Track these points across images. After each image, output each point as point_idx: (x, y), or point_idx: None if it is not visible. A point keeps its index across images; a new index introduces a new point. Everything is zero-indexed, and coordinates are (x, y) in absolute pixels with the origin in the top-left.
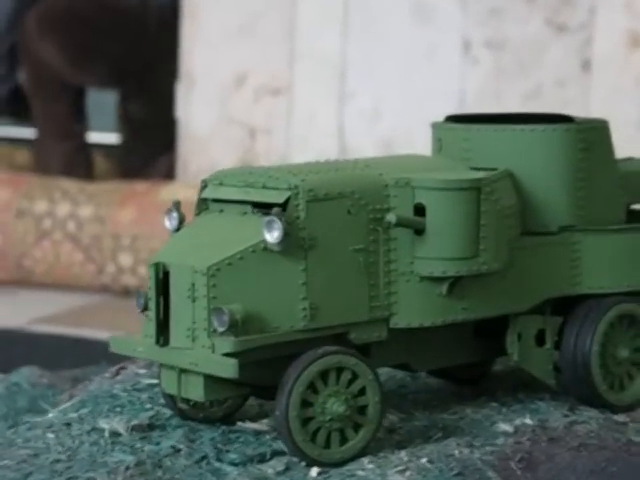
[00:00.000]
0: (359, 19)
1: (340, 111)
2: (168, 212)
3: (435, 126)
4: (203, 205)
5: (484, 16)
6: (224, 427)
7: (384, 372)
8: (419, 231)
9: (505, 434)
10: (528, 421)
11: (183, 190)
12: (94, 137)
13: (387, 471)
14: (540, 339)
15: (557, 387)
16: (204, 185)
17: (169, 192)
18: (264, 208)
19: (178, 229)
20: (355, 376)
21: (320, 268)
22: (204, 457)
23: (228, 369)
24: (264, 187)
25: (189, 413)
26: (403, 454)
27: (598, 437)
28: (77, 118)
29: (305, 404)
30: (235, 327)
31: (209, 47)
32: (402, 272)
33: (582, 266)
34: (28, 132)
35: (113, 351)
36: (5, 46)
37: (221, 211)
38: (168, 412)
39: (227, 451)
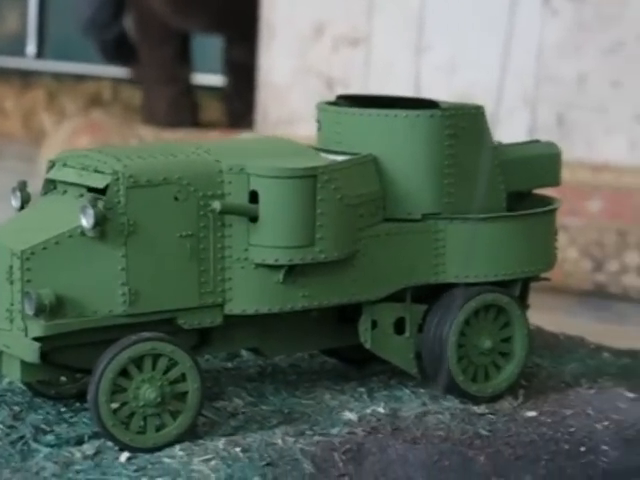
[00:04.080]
0: None
1: (417, 63)
2: (13, 191)
3: (317, 106)
4: (50, 185)
5: None
6: (66, 406)
7: None
8: (253, 218)
9: (346, 423)
10: (380, 409)
11: None
12: (201, 79)
13: (194, 459)
14: (400, 327)
15: (419, 376)
16: (51, 165)
17: None
18: (95, 192)
19: (22, 208)
20: (174, 363)
21: (142, 254)
22: (22, 437)
23: (30, 353)
24: (95, 171)
25: (40, 389)
26: (222, 442)
27: (445, 429)
28: (182, 63)
29: (118, 389)
30: (44, 311)
31: None
32: (237, 258)
33: (446, 255)
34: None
35: None
36: None
37: (64, 192)
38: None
39: (48, 432)
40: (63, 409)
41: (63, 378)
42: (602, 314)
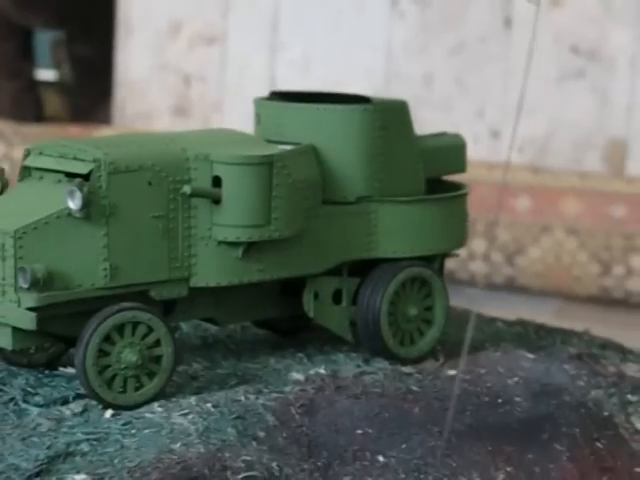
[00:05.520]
0: None
1: (272, 61)
2: None
3: (255, 102)
4: (26, 172)
5: None
6: (42, 372)
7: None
8: (217, 201)
9: (295, 382)
10: (322, 371)
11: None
12: (45, 75)
13: (172, 414)
14: (337, 297)
15: (353, 341)
16: (27, 153)
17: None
18: (74, 178)
19: (1, 194)
20: (150, 329)
21: (121, 233)
22: (12, 399)
23: (28, 321)
24: (74, 158)
25: (14, 359)
26: (193, 399)
27: (381, 386)
28: (25, 58)
29: (102, 354)
30: (37, 284)
31: None
32: (201, 237)
33: (377, 233)
34: None
35: None
36: None
37: (41, 178)
38: None
39: (35, 394)
40: (40, 375)
41: (32, 349)
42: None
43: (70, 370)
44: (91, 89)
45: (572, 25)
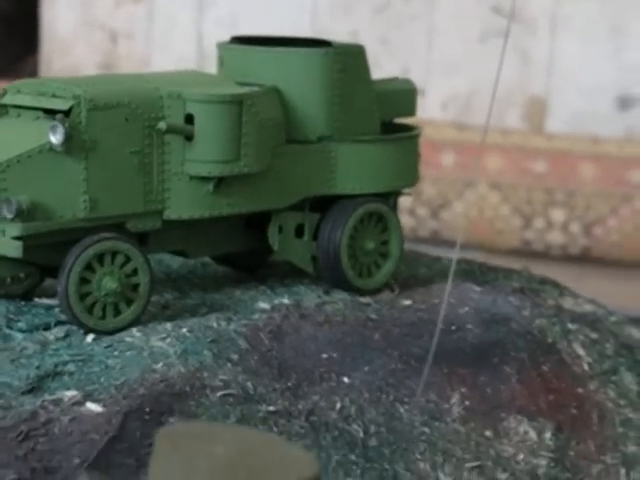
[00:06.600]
0: None
1: (199, 18)
2: None
3: (218, 46)
4: (2, 110)
5: None
6: (20, 302)
7: (179, 260)
8: (189, 137)
9: (262, 311)
10: (285, 301)
11: None
12: None
13: (151, 338)
14: (299, 232)
15: (314, 273)
16: (4, 92)
17: None
18: (53, 114)
19: None
20: (128, 259)
21: (99, 167)
22: None
23: (14, 250)
24: (53, 96)
25: None
26: (168, 325)
27: (342, 315)
28: None
29: (83, 281)
30: (22, 215)
31: None
32: (174, 172)
33: (337, 171)
34: None
35: None
36: None
37: (19, 116)
38: None
39: (17, 321)
40: (19, 305)
41: (9, 280)
42: None
43: (46, 301)
44: (15, 44)
45: None
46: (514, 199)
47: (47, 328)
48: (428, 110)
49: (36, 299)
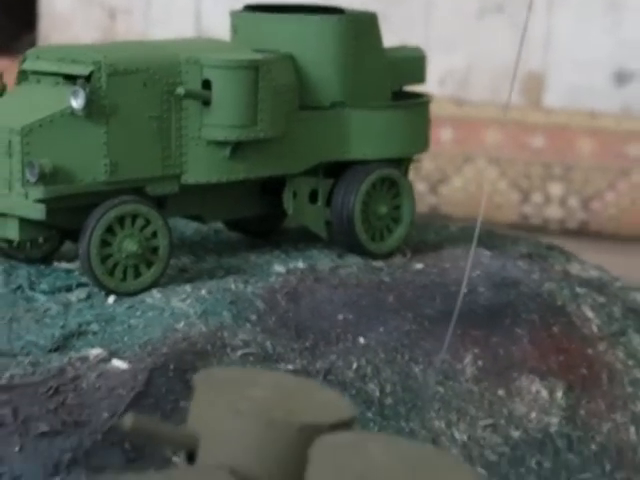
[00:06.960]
0: None
1: None
2: None
3: (232, 14)
4: (23, 76)
5: None
6: (40, 265)
7: (193, 227)
8: (206, 102)
9: (278, 274)
10: (300, 265)
11: None
12: None
13: (172, 299)
14: (313, 197)
15: (328, 238)
16: (24, 59)
17: None
18: (73, 79)
19: (0, 96)
20: (148, 222)
21: (119, 131)
22: (19, 287)
23: (37, 212)
24: (73, 62)
25: (11, 253)
26: (188, 287)
27: (356, 278)
28: None
29: (104, 244)
30: (44, 178)
31: None
32: (192, 137)
33: (350, 136)
34: None
35: None
36: None
37: (38, 81)
38: None
39: (39, 283)
40: (40, 268)
41: (29, 244)
42: None
43: (65, 264)
44: (13, 22)
45: None
46: (512, 173)
47: (69, 290)
48: (426, 86)
49: (55, 263)
